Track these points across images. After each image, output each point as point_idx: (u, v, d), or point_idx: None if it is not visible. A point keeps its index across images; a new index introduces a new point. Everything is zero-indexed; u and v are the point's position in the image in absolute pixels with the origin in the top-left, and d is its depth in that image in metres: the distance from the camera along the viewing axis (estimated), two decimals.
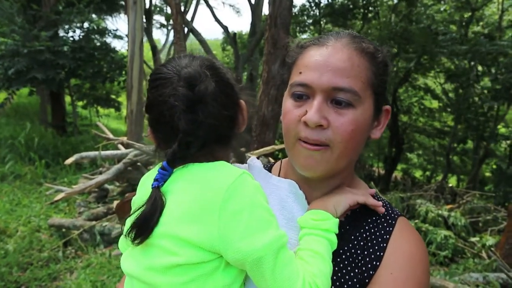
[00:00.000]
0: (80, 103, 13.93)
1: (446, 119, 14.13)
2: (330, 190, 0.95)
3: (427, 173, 15.69)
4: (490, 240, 5.53)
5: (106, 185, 6.17)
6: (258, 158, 5.78)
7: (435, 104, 14.09)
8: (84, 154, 6.27)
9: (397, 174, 14.31)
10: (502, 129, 12.84)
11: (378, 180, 12.29)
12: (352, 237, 0.90)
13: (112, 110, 14.99)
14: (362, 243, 0.89)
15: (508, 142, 12.12)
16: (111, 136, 7.43)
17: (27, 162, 8.24)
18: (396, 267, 0.84)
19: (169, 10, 18.75)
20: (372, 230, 0.90)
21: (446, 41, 8.89)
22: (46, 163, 8.20)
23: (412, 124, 14.13)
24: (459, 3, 10.55)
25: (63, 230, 4.96)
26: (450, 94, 12.93)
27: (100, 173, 6.66)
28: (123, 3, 13.03)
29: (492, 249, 5.20)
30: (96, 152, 6.27)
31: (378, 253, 0.86)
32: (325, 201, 0.88)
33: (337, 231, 0.84)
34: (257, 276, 0.76)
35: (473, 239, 5.83)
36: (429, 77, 13.52)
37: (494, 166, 13.62)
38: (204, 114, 0.80)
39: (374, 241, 0.88)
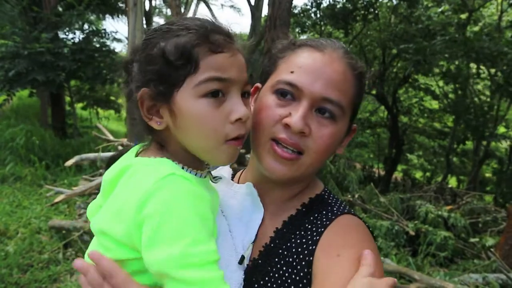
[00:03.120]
0: (80, 105, 13.97)
1: (446, 120, 14.14)
2: (288, 195, 0.93)
3: (427, 174, 15.68)
4: (489, 241, 5.54)
5: None
6: None
7: (435, 105, 14.10)
8: (84, 155, 6.30)
9: (397, 175, 14.30)
10: (502, 129, 12.85)
11: (378, 181, 12.28)
12: (292, 236, 0.87)
13: (112, 111, 15.03)
14: (299, 241, 0.85)
15: (508, 142, 12.13)
16: (111, 137, 7.45)
17: (27, 164, 8.25)
18: (331, 251, 0.79)
19: (169, 12, 18.79)
20: (310, 227, 0.87)
21: (443, 43, 8.89)
22: (46, 164, 8.21)
23: (412, 125, 14.13)
24: (456, 5, 10.57)
25: (63, 231, 4.96)
26: (450, 95, 12.94)
27: (100, 174, 6.67)
28: (123, 5, 13.07)
29: (492, 250, 5.20)
30: (96, 154, 6.29)
31: (310, 247, 0.82)
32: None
33: None
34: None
35: (472, 240, 5.83)
36: (429, 77, 13.54)
37: (495, 166, 13.63)
38: None
39: (309, 236, 0.84)
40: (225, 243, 0.87)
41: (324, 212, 0.89)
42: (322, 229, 0.84)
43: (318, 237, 0.83)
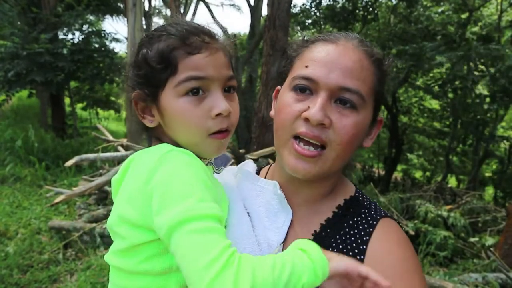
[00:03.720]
0: (79, 105, 13.96)
1: (446, 119, 14.14)
2: (317, 194, 0.92)
3: (427, 173, 15.68)
4: (489, 241, 5.54)
5: (106, 187, 6.18)
6: (257, 159, 5.80)
7: (435, 104, 14.10)
8: (84, 156, 6.29)
9: (397, 174, 14.30)
10: (501, 130, 12.85)
11: (378, 181, 12.29)
12: (332, 240, 0.86)
13: (112, 112, 15.03)
14: (341, 246, 0.84)
15: (507, 142, 12.13)
16: (110, 138, 7.45)
17: (27, 164, 8.25)
18: (381, 273, 0.74)
19: (168, 12, 18.79)
20: (352, 232, 0.85)
21: (442, 46, 8.88)
22: (46, 165, 8.21)
23: (412, 124, 14.14)
24: (456, 4, 10.57)
25: (63, 232, 4.96)
26: (450, 95, 12.94)
27: (100, 175, 6.68)
28: (122, 5, 13.06)
29: (491, 249, 5.20)
30: (96, 154, 6.28)
31: (358, 257, 0.81)
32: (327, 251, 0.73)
33: (321, 276, 0.67)
34: (174, 254, 0.70)
35: (472, 240, 5.83)
36: (429, 77, 13.53)
37: (494, 167, 13.64)
38: None
39: (354, 244, 0.83)
40: (246, 238, 0.86)
41: (363, 215, 0.88)
42: (367, 237, 0.83)
43: (364, 246, 0.82)
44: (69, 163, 5.85)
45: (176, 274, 0.79)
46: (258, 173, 1.05)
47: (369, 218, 0.87)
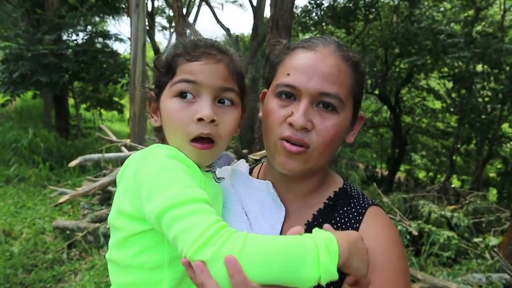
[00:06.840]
0: (83, 106, 14.01)
1: (449, 120, 14.06)
2: (307, 189, 0.98)
3: (431, 174, 15.61)
4: (493, 241, 5.51)
5: (110, 187, 6.20)
6: (260, 159, 5.80)
7: (438, 105, 14.03)
8: (87, 156, 6.31)
9: (400, 175, 14.25)
10: (507, 129, 12.76)
11: (381, 181, 12.26)
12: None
13: (115, 112, 15.07)
14: None
15: None
16: (114, 138, 7.48)
17: (31, 165, 8.30)
18: (370, 255, 0.82)
19: (171, 13, 18.83)
20: (343, 221, 0.92)
21: (452, 46, 8.83)
22: (50, 165, 8.25)
23: (415, 125, 14.08)
24: (464, 1, 10.51)
25: (67, 232, 4.99)
26: (453, 95, 12.88)
27: (104, 175, 6.71)
28: (125, 5, 13.10)
29: (495, 249, 5.18)
30: (100, 155, 6.31)
31: None
32: (354, 242, 0.73)
33: (331, 277, 0.67)
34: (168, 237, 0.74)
35: (476, 240, 5.81)
36: (432, 77, 13.47)
37: (499, 166, 13.55)
38: None
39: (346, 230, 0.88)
40: None
41: (352, 205, 0.95)
42: (357, 225, 0.91)
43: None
44: (73, 163, 5.87)
45: (169, 269, 0.82)
46: (251, 172, 1.11)
47: (358, 207, 0.95)
